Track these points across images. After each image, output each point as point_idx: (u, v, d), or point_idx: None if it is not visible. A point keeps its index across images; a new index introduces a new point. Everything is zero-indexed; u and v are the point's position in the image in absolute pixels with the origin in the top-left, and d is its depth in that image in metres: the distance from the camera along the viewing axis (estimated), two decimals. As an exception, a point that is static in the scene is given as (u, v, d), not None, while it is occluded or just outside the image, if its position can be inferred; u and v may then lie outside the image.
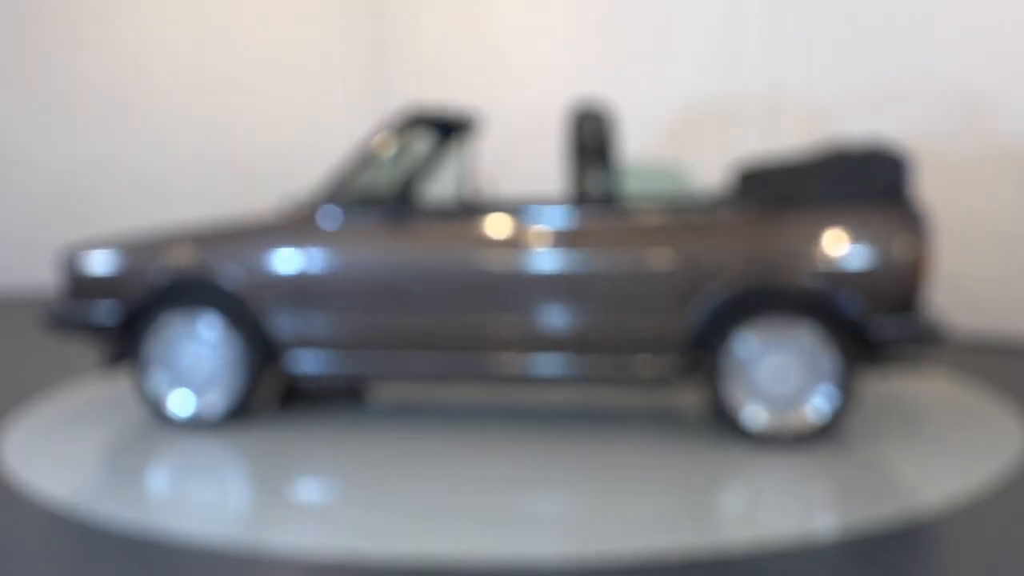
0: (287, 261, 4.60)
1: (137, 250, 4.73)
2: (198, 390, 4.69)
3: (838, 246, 4.35)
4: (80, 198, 9.23)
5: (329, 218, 4.61)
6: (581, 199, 4.59)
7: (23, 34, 8.98)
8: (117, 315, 4.68)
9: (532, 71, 8.77)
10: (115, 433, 4.66)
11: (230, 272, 4.61)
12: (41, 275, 9.10)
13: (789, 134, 7.27)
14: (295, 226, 4.62)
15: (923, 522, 3.50)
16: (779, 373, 4.39)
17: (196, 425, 4.67)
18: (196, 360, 4.67)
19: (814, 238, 4.37)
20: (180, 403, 4.69)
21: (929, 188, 6.36)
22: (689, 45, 7.82)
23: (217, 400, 4.67)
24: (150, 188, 9.37)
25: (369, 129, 9.05)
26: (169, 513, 3.64)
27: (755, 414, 4.40)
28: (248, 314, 4.62)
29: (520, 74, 8.84)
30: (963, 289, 6.65)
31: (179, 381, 4.68)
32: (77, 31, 9.11)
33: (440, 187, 5.96)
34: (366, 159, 4.65)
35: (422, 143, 5.52)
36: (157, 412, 4.70)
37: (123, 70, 9.27)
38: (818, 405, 4.36)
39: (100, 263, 4.75)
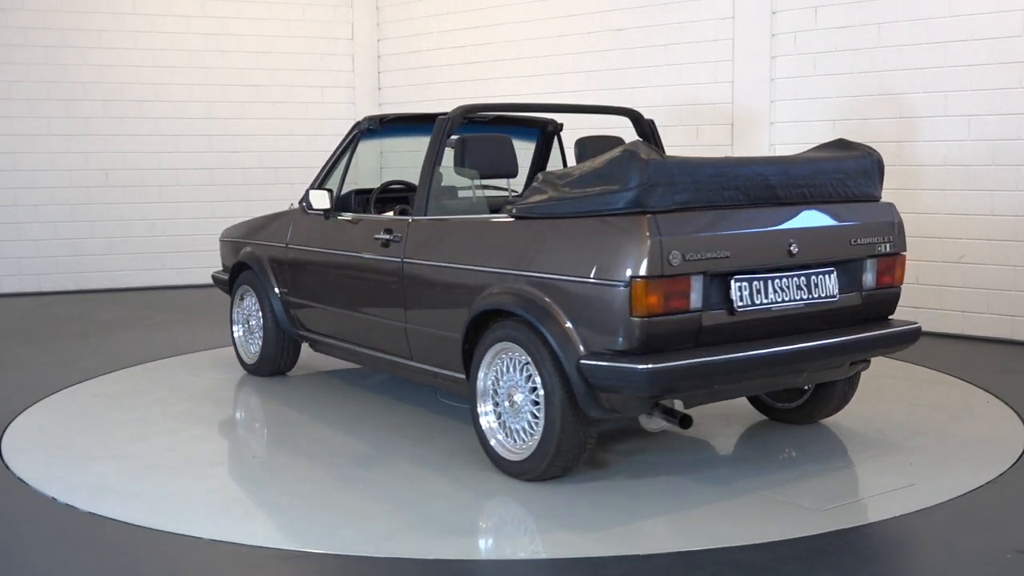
0: (279, 248, 5.50)
1: (235, 235, 6.00)
2: (255, 350, 5.71)
3: (549, 263, 3.67)
4: (85, 200, 9.32)
5: (305, 213, 5.34)
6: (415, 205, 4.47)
7: (28, 39, 9.08)
8: (228, 285, 5.94)
9: (526, 75, 8.84)
10: (117, 429, 4.76)
11: (254, 254, 5.66)
12: (47, 277, 9.24)
13: (787, 136, 7.31)
14: (286, 221, 5.51)
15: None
16: (510, 401, 3.86)
17: (254, 374, 5.75)
18: (249, 324, 5.77)
19: (527, 253, 3.77)
20: (247, 356, 5.82)
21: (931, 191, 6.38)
22: (684, 51, 7.85)
23: (259, 359, 5.68)
24: (154, 191, 9.50)
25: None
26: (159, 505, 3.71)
27: (499, 443, 3.91)
28: (263, 290, 5.55)
29: (514, 77, 8.90)
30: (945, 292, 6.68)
31: (247, 339, 5.82)
32: (85, 36, 9.21)
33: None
34: (330, 163, 5.22)
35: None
36: (240, 360, 5.86)
37: (126, 73, 9.37)
38: (534, 439, 3.74)
39: (223, 246, 6.13)
